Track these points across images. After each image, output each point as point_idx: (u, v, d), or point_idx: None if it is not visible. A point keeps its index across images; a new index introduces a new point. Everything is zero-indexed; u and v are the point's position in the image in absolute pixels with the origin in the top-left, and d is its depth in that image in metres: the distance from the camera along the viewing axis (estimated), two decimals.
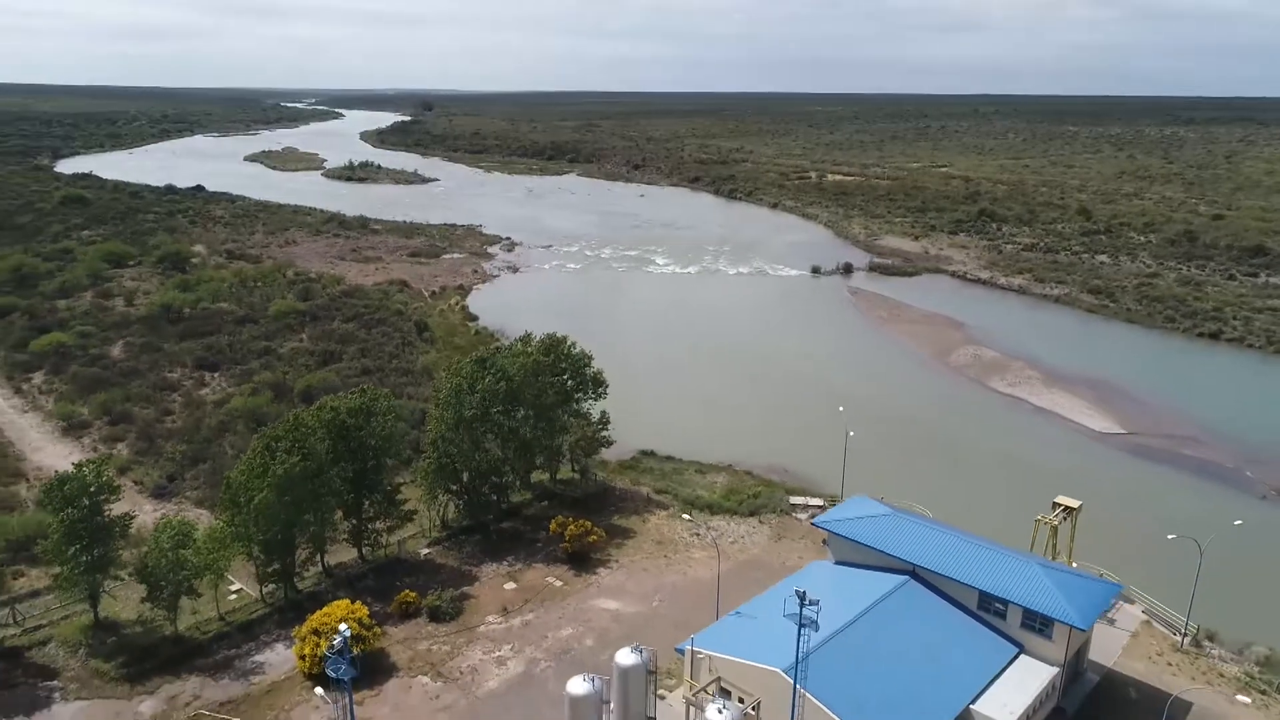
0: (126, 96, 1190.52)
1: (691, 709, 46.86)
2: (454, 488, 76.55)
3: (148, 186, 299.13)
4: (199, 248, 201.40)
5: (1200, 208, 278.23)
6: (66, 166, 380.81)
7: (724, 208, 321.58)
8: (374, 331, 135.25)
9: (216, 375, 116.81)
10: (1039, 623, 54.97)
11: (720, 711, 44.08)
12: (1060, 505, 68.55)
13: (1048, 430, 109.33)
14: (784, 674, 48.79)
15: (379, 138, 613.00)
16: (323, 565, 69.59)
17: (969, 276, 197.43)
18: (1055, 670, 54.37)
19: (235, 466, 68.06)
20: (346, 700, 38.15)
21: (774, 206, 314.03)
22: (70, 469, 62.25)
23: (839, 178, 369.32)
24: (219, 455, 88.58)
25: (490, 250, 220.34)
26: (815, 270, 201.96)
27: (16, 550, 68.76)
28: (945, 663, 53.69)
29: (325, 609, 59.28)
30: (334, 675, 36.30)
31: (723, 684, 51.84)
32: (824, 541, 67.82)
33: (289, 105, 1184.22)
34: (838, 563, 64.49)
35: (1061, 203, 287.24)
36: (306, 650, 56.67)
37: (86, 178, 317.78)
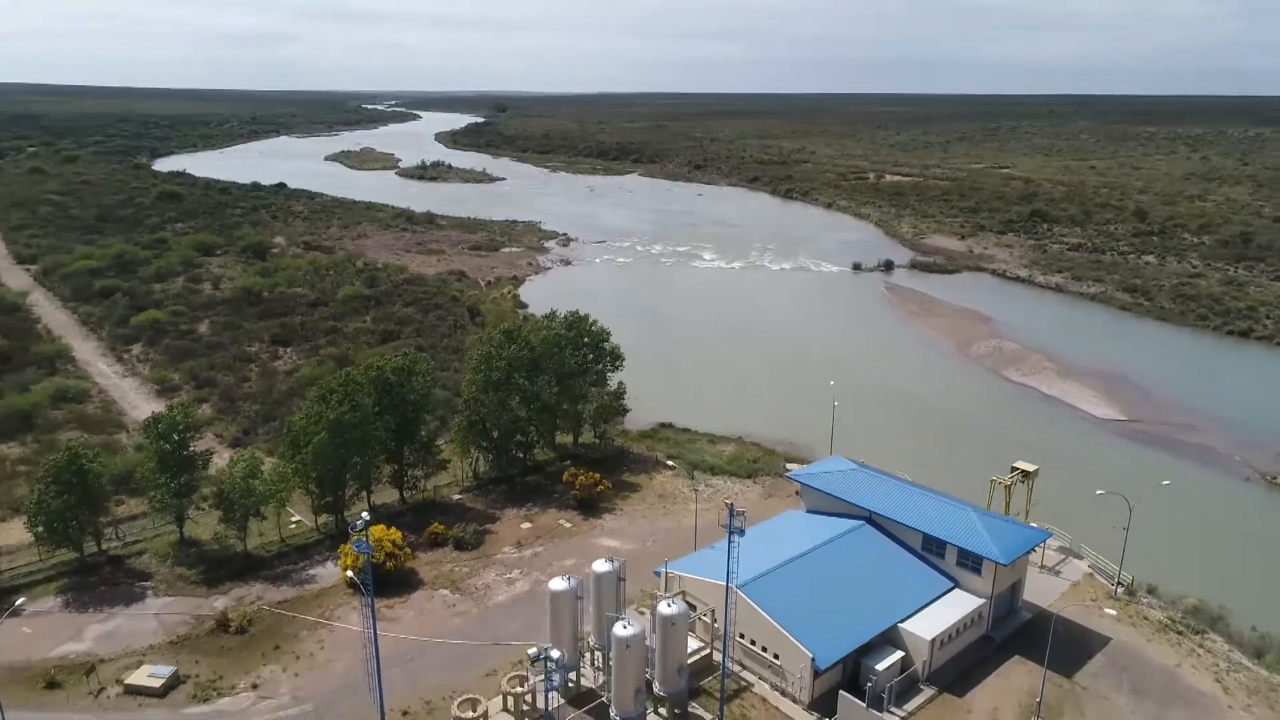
0: (219, 99, 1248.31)
1: (651, 607, 56.23)
2: (484, 444, 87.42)
3: (235, 184, 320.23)
4: (279, 239, 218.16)
5: (1265, 210, 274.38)
6: (163, 165, 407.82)
7: (778, 207, 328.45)
8: (430, 315, 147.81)
9: (289, 350, 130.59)
10: (970, 560, 62.92)
11: (669, 605, 53.45)
12: (1017, 469, 75.96)
13: (1048, 414, 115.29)
14: (740, 594, 57.92)
15: (452, 138, 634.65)
16: (368, 503, 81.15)
17: (1008, 275, 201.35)
18: (982, 601, 62.28)
19: (296, 414, 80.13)
20: (367, 576, 48.92)
21: (828, 206, 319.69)
22: (163, 410, 74.89)
23: (896, 178, 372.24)
24: (287, 415, 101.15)
25: (546, 245, 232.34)
26: (856, 266, 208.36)
27: (119, 484, 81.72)
28: (884, 591, 62.12)
29: (375, 531, 70.50)
30: (356, 549, 46.90)
31: (686, 597, 61.31)
32: (796, 493, 76.55)
33: (369, 107, 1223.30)
34: (809, 511, 73.23)
35: (1119, 204, 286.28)
36: (348, 564, 67.93)
37: (180, 175, 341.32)
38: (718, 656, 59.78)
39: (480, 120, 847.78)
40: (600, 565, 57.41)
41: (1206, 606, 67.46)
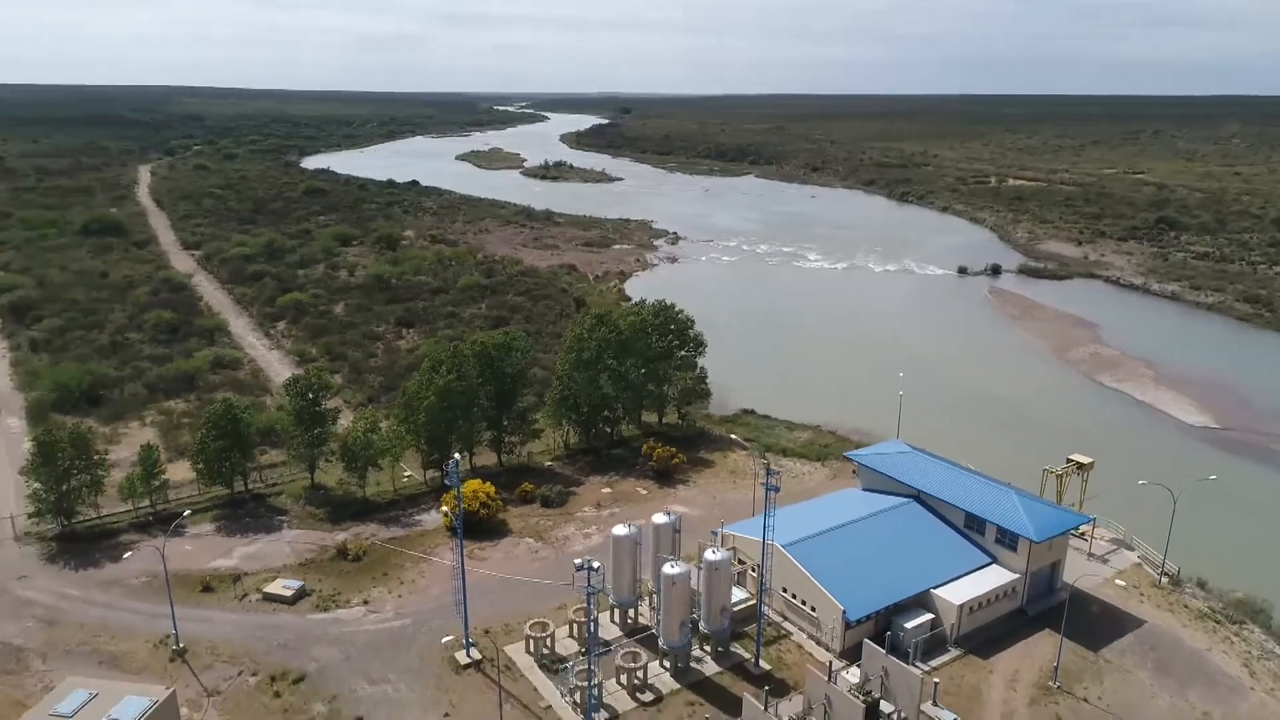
0: (361, 101, 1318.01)
1: (700, 555, 63.25)
2: (574, 417, 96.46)
3: (373, 180, 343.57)
4: (409, 232, 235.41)
5: None
6: (310, 163, 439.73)
7: (891, 210, 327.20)
8: (539, 304, 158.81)
9: (411, 331, 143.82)
10: (1007, 538, 67.29)
11: (714, 553, 60.54)
12: (1072, 461, 79.08)
13: (1134, 418, 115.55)
14: (776, 546, 64.50)
15: (576, 139, 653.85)
16: (470, 463, 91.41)
17: (1121, 282, 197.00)
18: (1016, 576, 66.56)
19: (410, 381, 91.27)
20: (458, 504, 58.16)
21: (944, 210, 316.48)
22: (301, 372, 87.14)
23: (1019, 182, 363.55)
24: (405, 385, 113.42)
25: (655, 243, 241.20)
26: (961, 270, 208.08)
27: (263, 436, 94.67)
28: (921, 561, 67.28)
29: (465, 485, 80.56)
30: (447, 484, 56.16)
31: (738, 554, 68.31)
32: (854, 472, 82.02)
33: (499, 109, 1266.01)
34: (864, 489, 78.71)
35: (1259, 212, 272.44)
36: (448, 510, 77.94)
37: (324, 173, 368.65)
38: (769, 613, 66.46)
39: (604, 122, 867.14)
40: (659, 518, 65.08)
41: (1252, 600, 69.33)
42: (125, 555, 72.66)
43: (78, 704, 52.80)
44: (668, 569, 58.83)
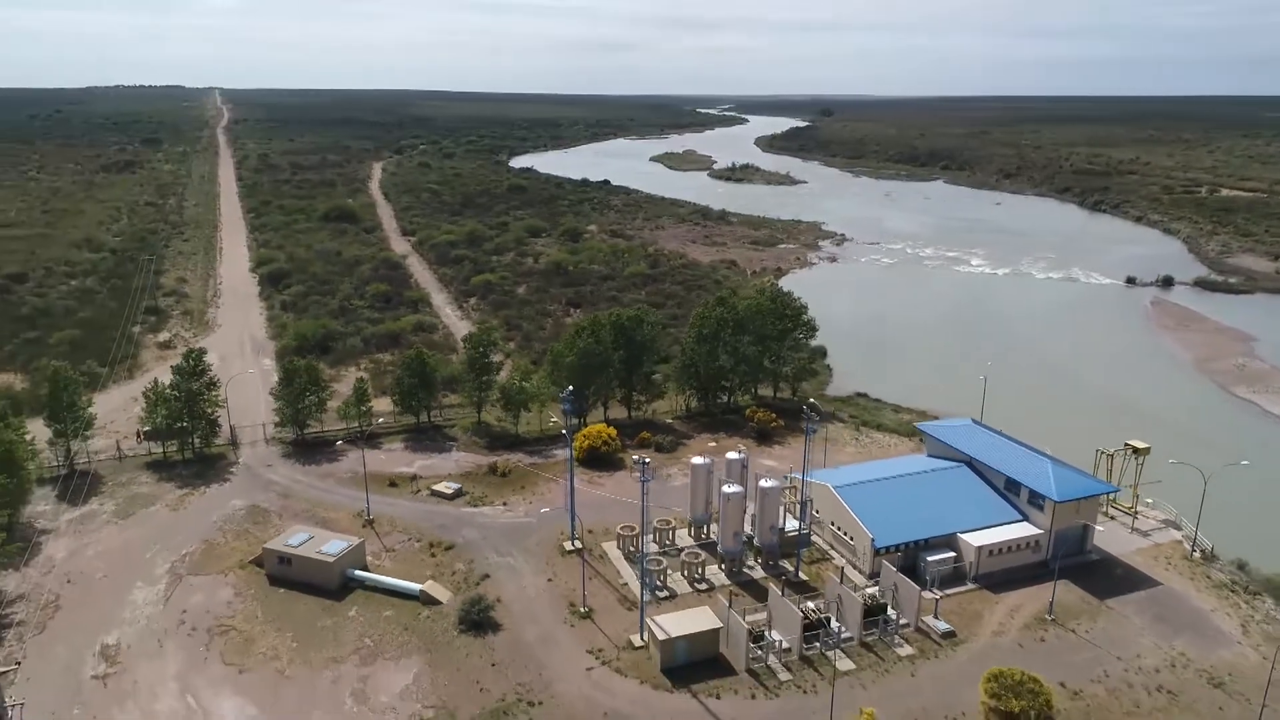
0: (572, 103, 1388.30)
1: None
2: (694, 384, 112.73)
3: (569, 179, 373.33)
4: (592, 227, 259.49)
5: None
6: (517, 162, 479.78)
7: (1079, 219, 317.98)
8: (693, 293, 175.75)
9: (578, 310, 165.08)
10: (1036, 499, 77.08)
11: (767, 481, 75.15)
12: (1129, 445, 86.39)
13: (1252, 426, 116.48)
14: (827, 486, 77.94)
15: (769, 142, 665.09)
16: (605, 413, 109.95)
17: None
18: (1039, 532, 76.29)
19: (558, 343, 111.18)
20: (567, 420, 76.44)
21: (1137, 220, 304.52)
22: (474, 329, 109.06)
23: (1234, 193, 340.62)
24: None
25: (820, 243, 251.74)
26: (1129, 280, 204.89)
27: (445, 384, 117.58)
28: (957, 512, 78.42)
29: (594, 428, 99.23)
30: (564, 410, 74.20)
31: (798, 494, 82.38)
32: (920, 440, 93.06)
33: (703, 112, 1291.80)
34: (928, 455, 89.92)
35: None
36: (580, 444, 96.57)
37: (528, 171, 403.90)
38: (814, 539, 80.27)
39: (802, 125, 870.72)
40: (731, 454, 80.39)
41: (1277, 579, 74.90)
42: (339, 458, 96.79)
43: (301, 540, 75.76)
44: (726, 489, 74.25)
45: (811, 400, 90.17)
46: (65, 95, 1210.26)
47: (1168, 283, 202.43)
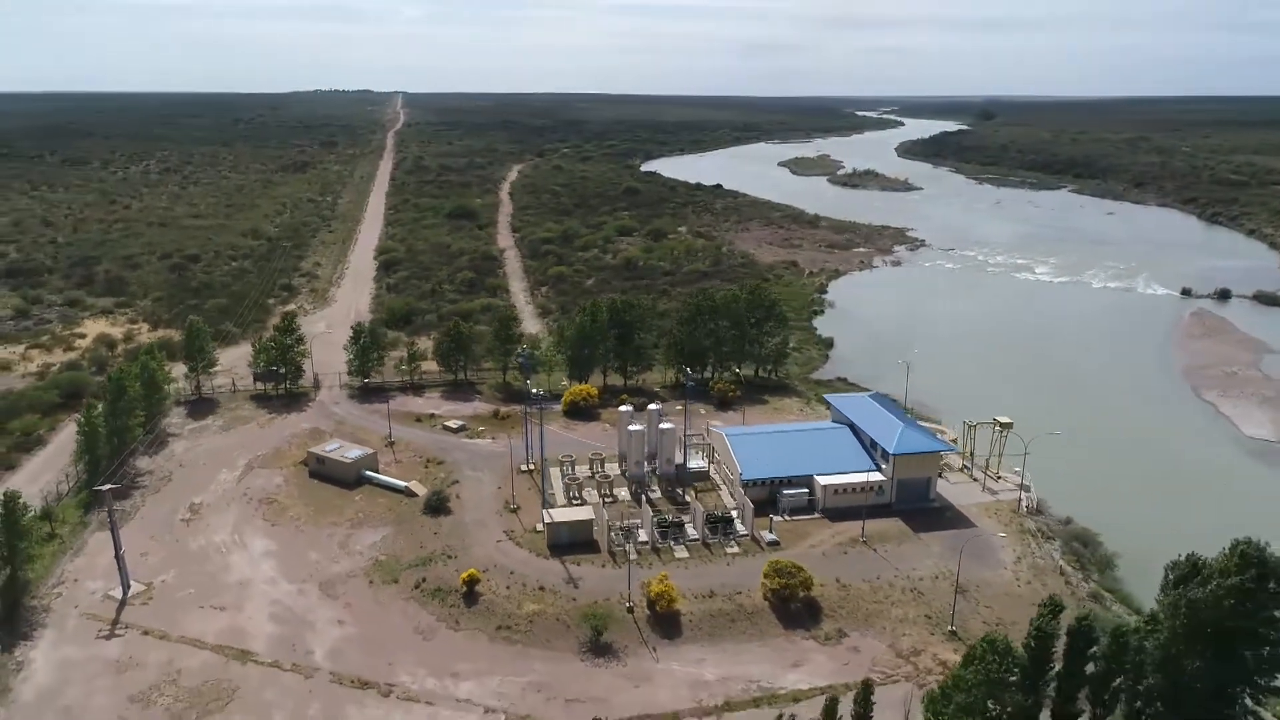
0: (725, 106, 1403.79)
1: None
2: (681, 361, 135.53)
3: (683, 183, 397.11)
4: (682, 228, 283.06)
5: None
6: (649, 166, 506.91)
7: (1190, 230, 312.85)
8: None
9: None
10: (881, 451, 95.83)
11: (666, 423, 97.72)
12: (996, 420, 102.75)
13: (1194, 427, 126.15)
14: (722, 434, 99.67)
15: (906, 148, 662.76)
16: (603, 380, 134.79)
17: None
18: (881, 479, 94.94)
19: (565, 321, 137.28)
20: (525, 378, 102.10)
21: (1250, 233, 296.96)
22: (502, 304, 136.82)
23: None
24: None
25: (895, 248, 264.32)
26: (1185, 292, 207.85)
27: (486, 352, 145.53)
28: (822, 460, 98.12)
29: (578, 387, 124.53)
30: (520, 363, 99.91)
31: (708, 438, 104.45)
32: (828, 408, 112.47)
33: (862, 114, 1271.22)
34: (832, 420, 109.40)
35: None
36: (566, 399, 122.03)
37: (651, 175, 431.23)
38: (714, 476, 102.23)
39: (952, 130, 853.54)
40: (651, 406, 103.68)
41: (1089, 534, 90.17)
42: (387, 400, 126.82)
43: (333, 447, 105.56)
44: (631, 426, 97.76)
45: (687, 369, 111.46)
46: (270, 99, 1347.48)
47: (1224, 295, 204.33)
